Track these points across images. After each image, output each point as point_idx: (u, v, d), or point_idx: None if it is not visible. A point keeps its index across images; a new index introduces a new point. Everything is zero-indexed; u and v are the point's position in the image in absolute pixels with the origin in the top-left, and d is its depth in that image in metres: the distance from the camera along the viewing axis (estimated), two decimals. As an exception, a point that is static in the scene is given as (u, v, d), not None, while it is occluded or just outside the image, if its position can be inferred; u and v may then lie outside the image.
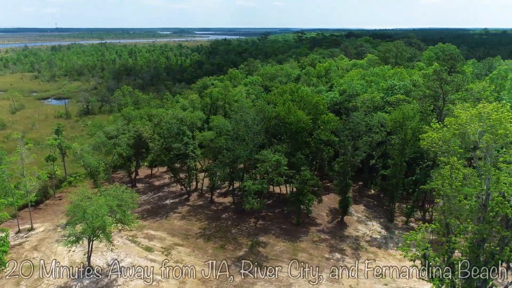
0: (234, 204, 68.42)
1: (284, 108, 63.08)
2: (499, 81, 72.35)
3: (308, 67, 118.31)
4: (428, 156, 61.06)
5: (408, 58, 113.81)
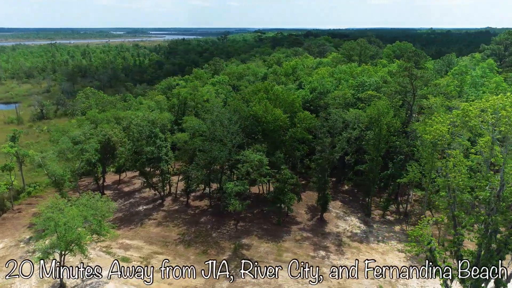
0: (211, 207, 66.45)
1: (261, 107, 62.10)
2: (460, 76, 76.07)
3: (275, 66, 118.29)
4: (401, 150, 62.84)
5: (370, 56, 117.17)
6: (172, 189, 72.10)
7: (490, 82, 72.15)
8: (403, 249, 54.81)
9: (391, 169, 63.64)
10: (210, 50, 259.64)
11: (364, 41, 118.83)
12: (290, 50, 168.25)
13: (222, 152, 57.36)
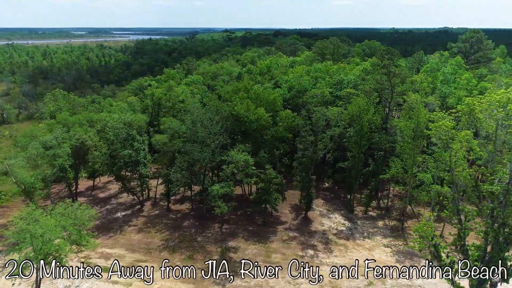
0: (193, 210, 64.59)
1: (242, 107, 60.94)
2: (432, 73, 78.43)
3: (249, 65, 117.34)
4: (382, 147, 63.68)
5: (343, 54, 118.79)
6: (151, 193, 69.53)
7: (461, 78, 74.89)
8: (388, 244, 55.63)
9: (372, 166, 64.37)
10: (179, 50, 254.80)
11: (337, 40, 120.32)
12: (262, 49, 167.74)
13: (205, 153, 55.71)
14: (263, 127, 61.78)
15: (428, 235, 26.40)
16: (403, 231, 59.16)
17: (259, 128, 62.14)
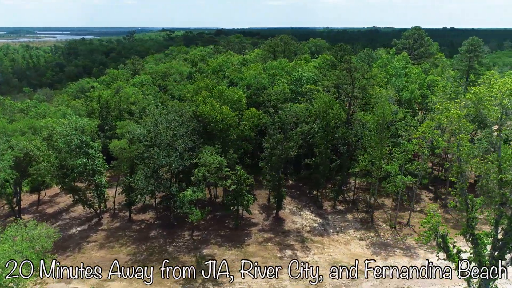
0: (159, 219, 60.31)
1: (207, 107, 58.00)
2: (385, 68, 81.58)
3: (200, 64, 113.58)
4: (348, 141, 64.50)
5: (293, 52, 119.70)
6: (108, 204, 63.76)
7: (412, 72, 78.80)
8: (362, 237, 56.37)
9: (338, 160, 64.93)
10: (117, 49, 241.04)
11: (287, 38, 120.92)
12: (207, 47, 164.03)
13: (172, 157, 52.00)
14: (229, 126, 59.43)
15: (433, 227, 26.36)
16: (373, 222, 60.45)
17: (224, 128, 59.69)
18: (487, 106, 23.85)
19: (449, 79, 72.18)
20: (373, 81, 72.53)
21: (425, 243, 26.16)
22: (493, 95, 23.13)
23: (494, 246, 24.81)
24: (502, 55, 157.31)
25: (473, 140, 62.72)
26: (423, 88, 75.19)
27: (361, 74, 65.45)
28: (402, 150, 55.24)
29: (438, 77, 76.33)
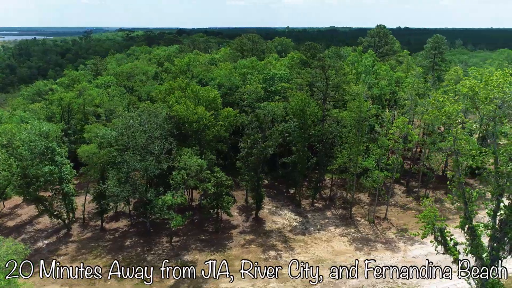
0: (134, 227, 57.35)
1: (181, 107, 55.82)
2: (354, 65, 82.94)
3: (166, 63, 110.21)
4: (324, 139, 64.64)
5: (261, 50, 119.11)
6: (77, 213, 59.79)
7: (381, 69, 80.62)
8: (343, 233, 56.61)
9: (316, 158, 64.92)
10: (74, 50, 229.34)
11: (255, 36, 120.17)
12: (172, 47, 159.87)
13: (148, 161, 49.45)
14: (205, 127, 57.61)
15: (431, 222, 26.45)
16: (352, 218, 60.98)
17: (200, 129, 57.82)
18: (482, 100, 24.22)
19: (417, 76, 74.49)
20: (345, 78, 73.45)
21: (423, 237, 26.19)
22: (491, 88, 23.54)
23: (493, 237, 25.28)
24: (456, 53, 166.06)
25: (443, 134, 65.04)
26: (391, 85, 77.09)
27: (335, 72, 65.84)
28: (379, 145, 56.06)
29: (404, 74, 78.70)
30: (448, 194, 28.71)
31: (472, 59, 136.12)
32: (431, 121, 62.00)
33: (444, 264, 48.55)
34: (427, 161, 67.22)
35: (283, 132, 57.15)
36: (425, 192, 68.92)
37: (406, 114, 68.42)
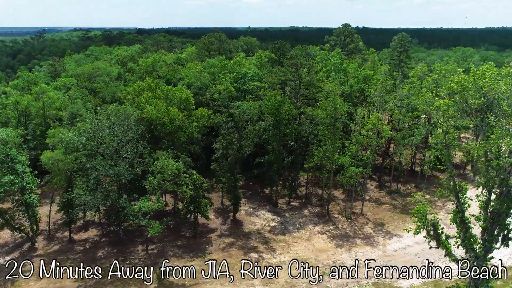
0: (105, 236, 54.19)
1: (153, 108, 53.40)
2: (323, 63, 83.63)
3: (130, 63, 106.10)
4: (300, 137, 64.45)
5: (229, 50, 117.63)
6: (41, 224, 55.62)
7: (350, 67, 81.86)
8: (322, 231, 56.63)
9: (291, 157, 64.61)
10: (26, 50, 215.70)
11: (222, 35, 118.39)
12: (134, 47, 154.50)
13: (120, 166, 46.75)
14: (178, 128, 55.54)
15: (423, 217, 26.53)
16: (329, 215, 61.24)
17: (173, 130, 55.68)
18: (472, 94, 24.63)
19: (386, 73, 76.30)
20: (316, 76, 73.78)
21: (416, 233, 26.25)
22: (481, 84, 23.96)
23: (485, 229, 25.78)
24: (415, 51, 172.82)
25: (412, 128, 67.03)
26: (360, 82, 78.43)
27: (307, 70, 65.86)
28: (354, 142, 56.60)
29: (372, 72, 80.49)
30: (439, 188, 29.10)
31: (430, 57, 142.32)
32: (401, 117, 63.71)
33: (424, 256, 49.96)
34: (397, 156, 68.93)
35: (259, 131, 56.16)
36: (396, 187, 70.78)
37: (376, 110, 69.78)
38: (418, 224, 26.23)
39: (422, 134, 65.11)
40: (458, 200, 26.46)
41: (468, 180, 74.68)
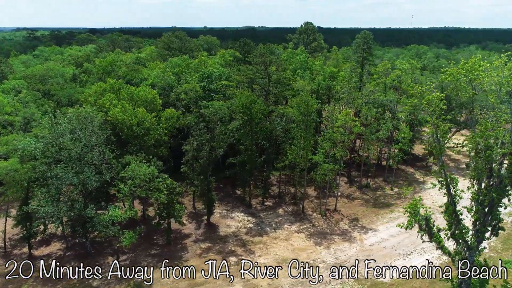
0: (70, 250, 50.20)
1: (118, 109, 50.15)
2: (289, 61, 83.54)
3: (86, 64, 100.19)
4: (274, 136, 63.63)
5: (190, 49, 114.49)
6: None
7: (315, 65, 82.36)
8: (299, 230, 56.16)
9: (264, 156, 63.69)
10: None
11: (184, 34, 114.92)
12: (87, 47, 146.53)
13: (86, 173, 43.28)
14: (147, 131, 52.66)
15: (415, 212, 26.46)
16: (304, 213, 60.98)
17: (141, 133, 52.70)
18: (464, 86, 24.86)
19: (352, 70, 77.54)
20: (285, 74, 73.40)
21: (408, 228, 26.13)
22: (472, 77, 24.27)
23: (477, 220, 26.12)
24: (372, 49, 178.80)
25: (380, 123, 68.51)
26: (326, 80, 79.18)
27: (276, 68, 65.20)
28: (327, 138, 56.69)
29: (336, 69, 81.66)
30: (431, 181, 29.29)
31: (386, 54, 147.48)
32: (369, 112, 64.87)
33: (400, 249, 50.90)
34: (366, 151, 70.22)
35: (233, 130, 54.54)
36: (366, 181, 72.12)
37: (344, 107, 70.67)
38: (411, 219, 26.04)
39: (389, 129, 66.74)
40: (450, 192, 26.69)
41: (431, 172, 78.07)
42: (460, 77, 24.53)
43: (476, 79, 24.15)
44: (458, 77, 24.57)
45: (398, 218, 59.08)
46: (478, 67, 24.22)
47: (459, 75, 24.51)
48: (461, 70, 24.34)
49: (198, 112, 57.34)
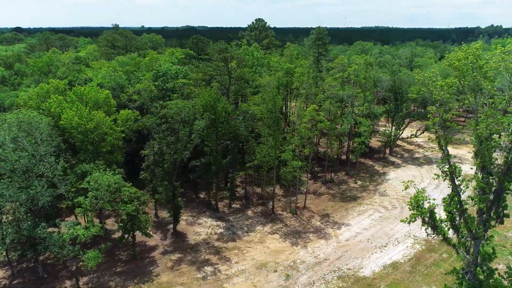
0: (17, 277, 43.51)
1: (72, 113, 44.35)
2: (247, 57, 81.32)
3: (17, 64, 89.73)
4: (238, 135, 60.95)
5: (137, 47, 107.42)
6: None
7: (273, 61, 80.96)
8: (272, 231, 54.22)
9: (229, 157, 60.79)
10: None
11: (129, 32, 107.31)
12: (15, 46, 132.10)
13: (37, 188, 37.47)
14: (104, 136, 47.36)
15: (418, 205, 25.58)
16: (275, 213, 59.20)
17: (97, 139, 47.29)
18: (470, 73, 24.29)
19: (310, 66, 77.23)
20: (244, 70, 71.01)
21: (411, 221, 25.21)
22: (481, 63, 23.75)
23: (483, 209, 25.81)
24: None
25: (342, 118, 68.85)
26: (284, 76, 78.14)
27: (237, 64, 62.63)
28: (297, 135, 55.36)
29: (293, 65, 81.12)
30: (434, 173, 28.64)
31: (333, 51, 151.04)
32: (332, 107, 64.83)
33: (375, 241, 50.99)
34: (329, 146, 70.26)
35: (199, 131, 50.95)
36: (330, 176, 72.24)
37: (305, 102, 70.12)
38: (414, 212, 25.13)
39: (350, 123, 67.29)
40: (454, 183, 26.21)
41: (389, 163, 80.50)
42: (467, 63, 24.09)
43: (485, 65, 23.87)
44: (465, 63, 24.11)
45: (367, 210, 59.66)
46: (479, 52, 24.04)
47: (466, 60, 24.09)
48: (470, 56, 23.93)
49: (158, 113, 52.88)
